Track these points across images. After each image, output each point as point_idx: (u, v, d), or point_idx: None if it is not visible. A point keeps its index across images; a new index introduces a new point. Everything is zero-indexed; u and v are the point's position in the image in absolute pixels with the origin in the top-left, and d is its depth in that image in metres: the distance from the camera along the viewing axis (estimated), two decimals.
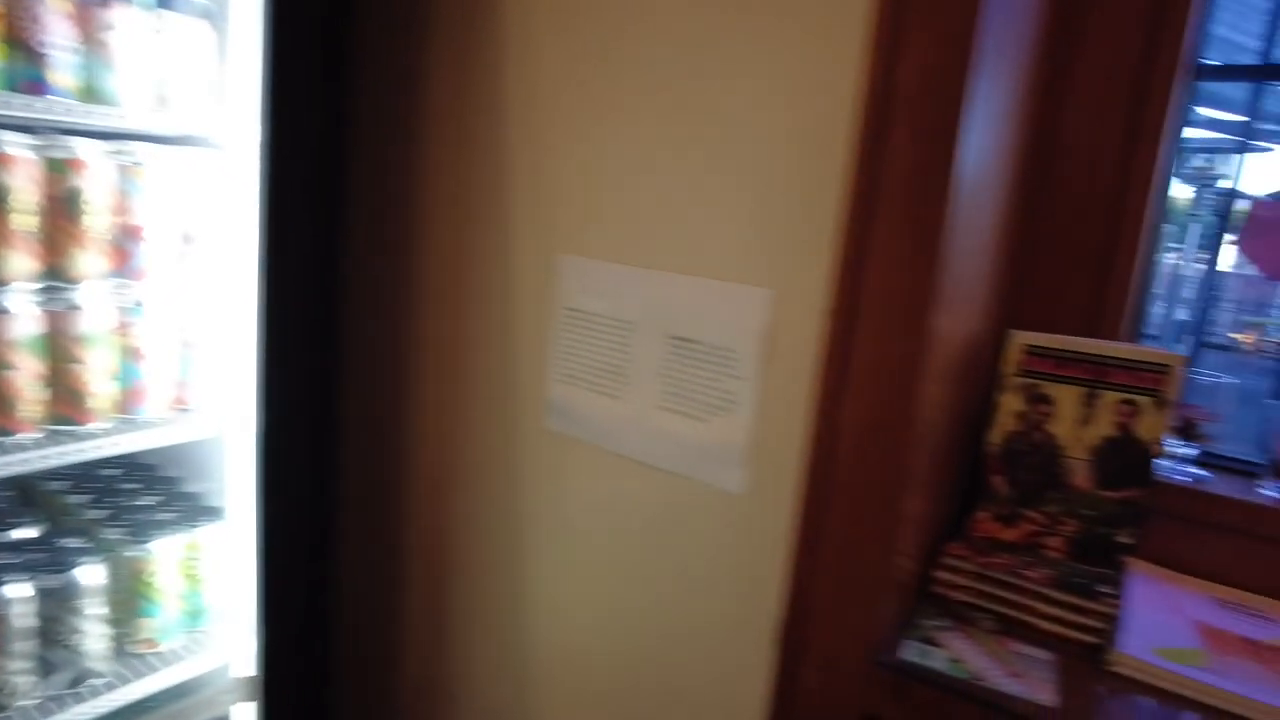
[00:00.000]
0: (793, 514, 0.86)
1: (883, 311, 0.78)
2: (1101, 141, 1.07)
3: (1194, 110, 1.16)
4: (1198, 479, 1.08)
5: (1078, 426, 0.98)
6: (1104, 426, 0.97)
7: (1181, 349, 1.21)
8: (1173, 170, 1.15)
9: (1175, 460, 1.10)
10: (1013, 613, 0.94)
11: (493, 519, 1.14)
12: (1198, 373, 1.10)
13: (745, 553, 0.91)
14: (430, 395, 1.17)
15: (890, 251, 0.77)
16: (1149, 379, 0.95)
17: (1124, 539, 0.98)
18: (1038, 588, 0.92)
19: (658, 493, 0.97)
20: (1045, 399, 0.98)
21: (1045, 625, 0.92)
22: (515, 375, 1.07)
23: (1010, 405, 0.99)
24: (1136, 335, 1.18)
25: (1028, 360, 0.98)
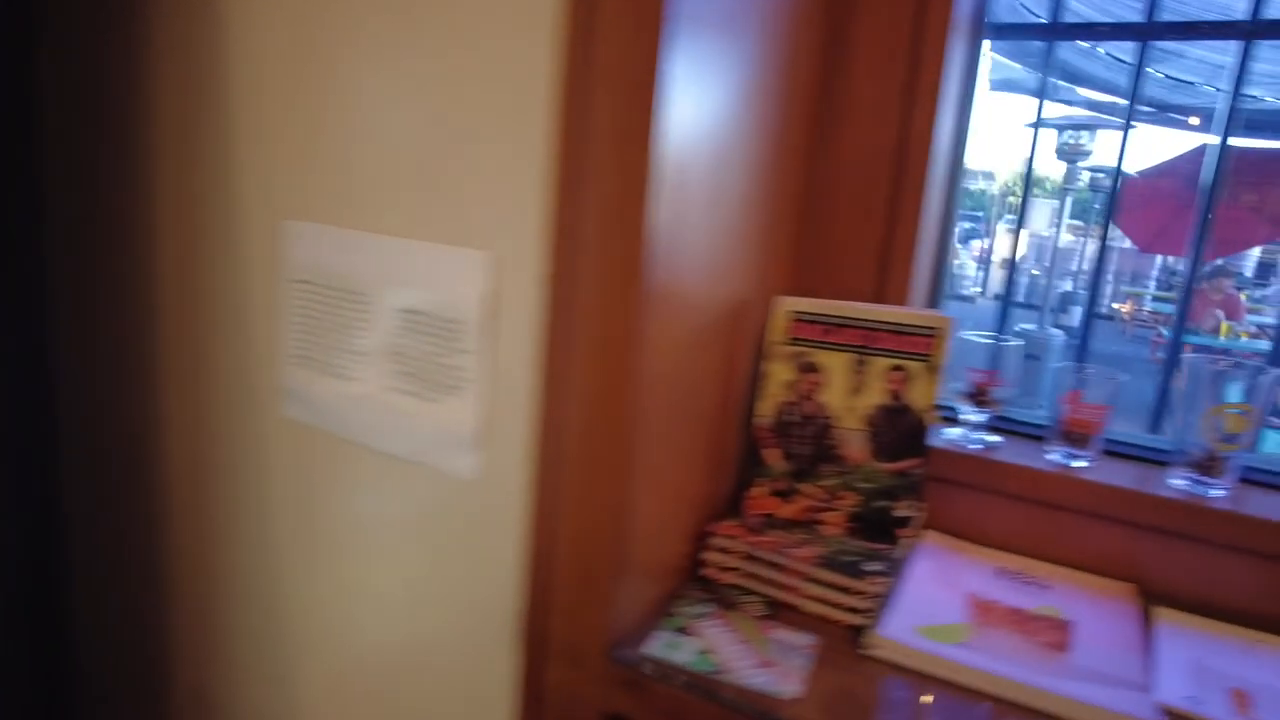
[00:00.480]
0: (525, 501, 0.78)
1: (601, 277, 0.70)
2: (882, 102, 1.02)
3: (1066, 87, 1.13)
4: (988, 446, 1.05)
5: (850, 395, 0.93)
6: (876, 395, 0.92)
7: (1059, 320, 1.18)
8: (967, 134, 1.11)
9: (967, 427, 1.07)
10: (781, 595, 0.88)
11: (241, 516, 1.03)
12: (1001, 337, 1.07)
13: (483, 544, 0.82)
14: (173, 390, 1.05)
15: (602, 214, 0.69)
16: (919, 344, 0.91)
17: (902, 512, 0.94)
18: (803, 567, 0.87)
19: (395, 482, 0.88)
20: (814, 367, 0.93)
21: (812, 607, 0.87)
22: (250, 360, 0.96)
23: (779, 375, 0.93)
24: (936, 301, 1.15)
25: (795, 327, 0.93)
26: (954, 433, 1.08)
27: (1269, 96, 6.77)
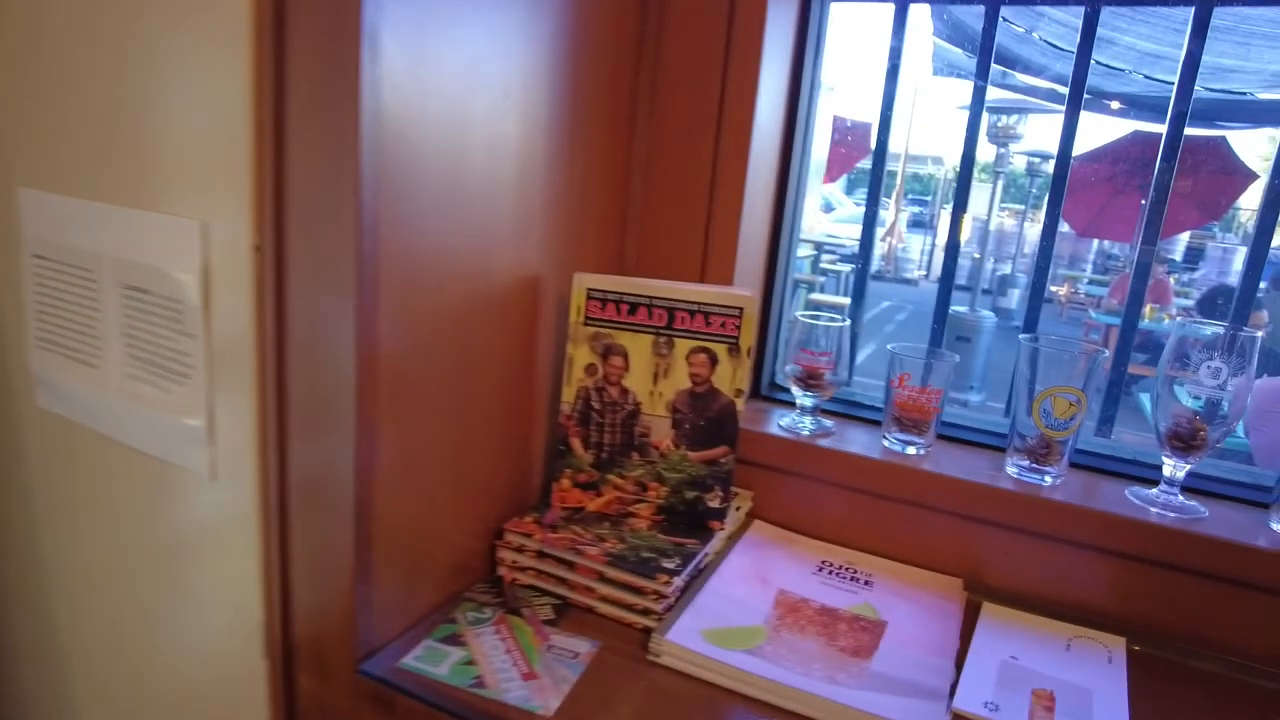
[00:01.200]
0: (258, 500, 0.70)
1: (312, 246, 0.62)
2: (701, 69, 0.95)
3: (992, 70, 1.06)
4: (819, 432, 0.99)
5: (654, 380, 0.85)
6: (681, 379, 0.85)
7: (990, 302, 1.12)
8: (812, 105, 1.04)
9: (799, 412, 1.01)
10: (574, 596, 0.81)
11: (8, 517, 0.93)
12: (833, 317, 1.01)
13: (225, 548, 0.74)
14: None
15: (307, 177, 0.61)
16: (724, 324, 0.84)
17: (714, 503, 0.88)
18: (595, 566, 0.80)
19: (140, 480, 0.79)
20: (617, 350, 0.85)
21: (605, 609, 0.80)
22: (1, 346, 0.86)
23: (581, 358, 0.86)
24: (774, 283, 1.08)
25: (592, 306, 0.85)
26: (787, 419, 1.02)
27: (1200, 85, 6.87)
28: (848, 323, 0.98)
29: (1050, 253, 1.24)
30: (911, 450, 0.95)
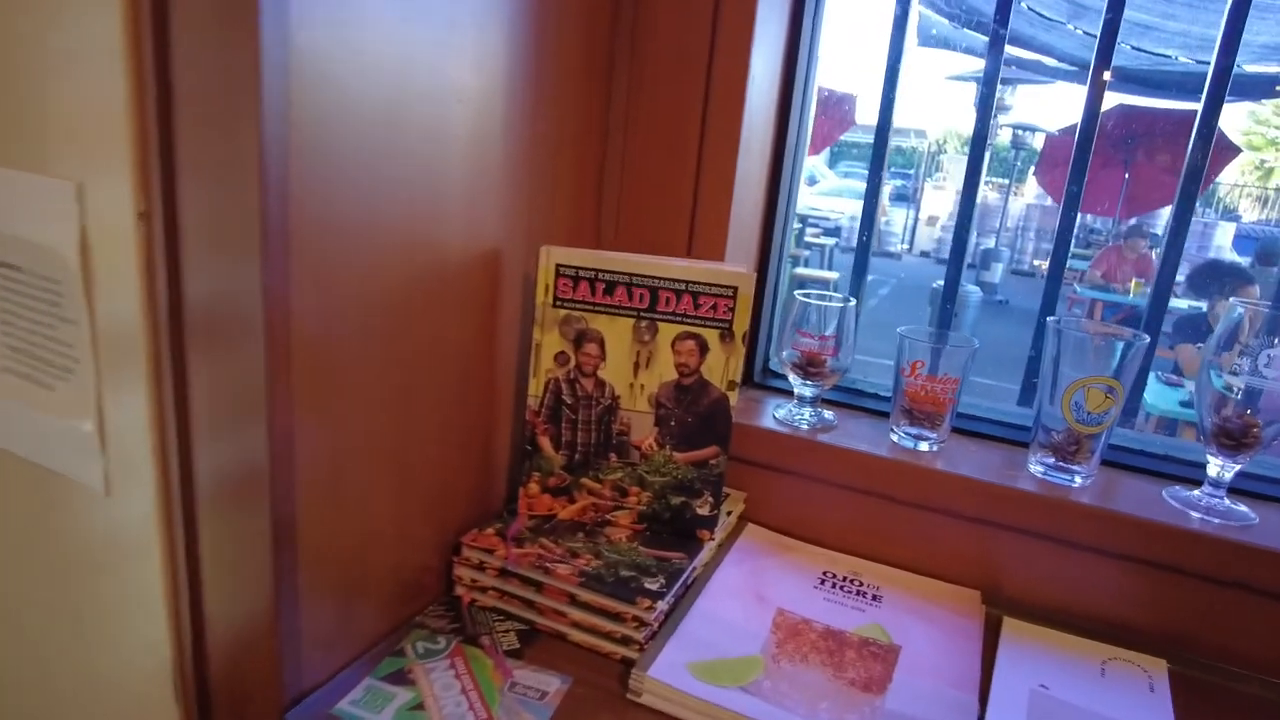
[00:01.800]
0: (160, 518, 0.58)
1: (210, 214, 0.50)
2: (687, 31, 0.82)
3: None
4: (820, 425, 0.89)
5: (635, 370, 0.74)
6: (665, 369, 0.74)
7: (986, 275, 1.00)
8: (809, 73, 0.92)
9: (797, 403, 0.90)
10: (542, 621, 0.70)
11: None
12: (833, 296, 0.90)
13: (127, 574, 0.62)
14: None
15: (200, 128, 0.48)
16: (715, 306, 0.73)
17: (703, 510, 0.77)
18: (566, 586, 0.69)
19: (24, 492, 0.66)
20: (591, 335, 0.74)
21: (577, 636, 0.69)
22: None
23: (550, 345, 0.74)
24: (768, 260, 0.97)
25: (563, 285, 0.73)
26: (783, 410, 0.91)
27: (1183, 56, 6.79)
28: (852, 302, 0.87)
29: (1071, 230, 1.14)
30: (923, 446, 0.84)
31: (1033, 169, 9.36)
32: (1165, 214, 10.12)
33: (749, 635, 0.70)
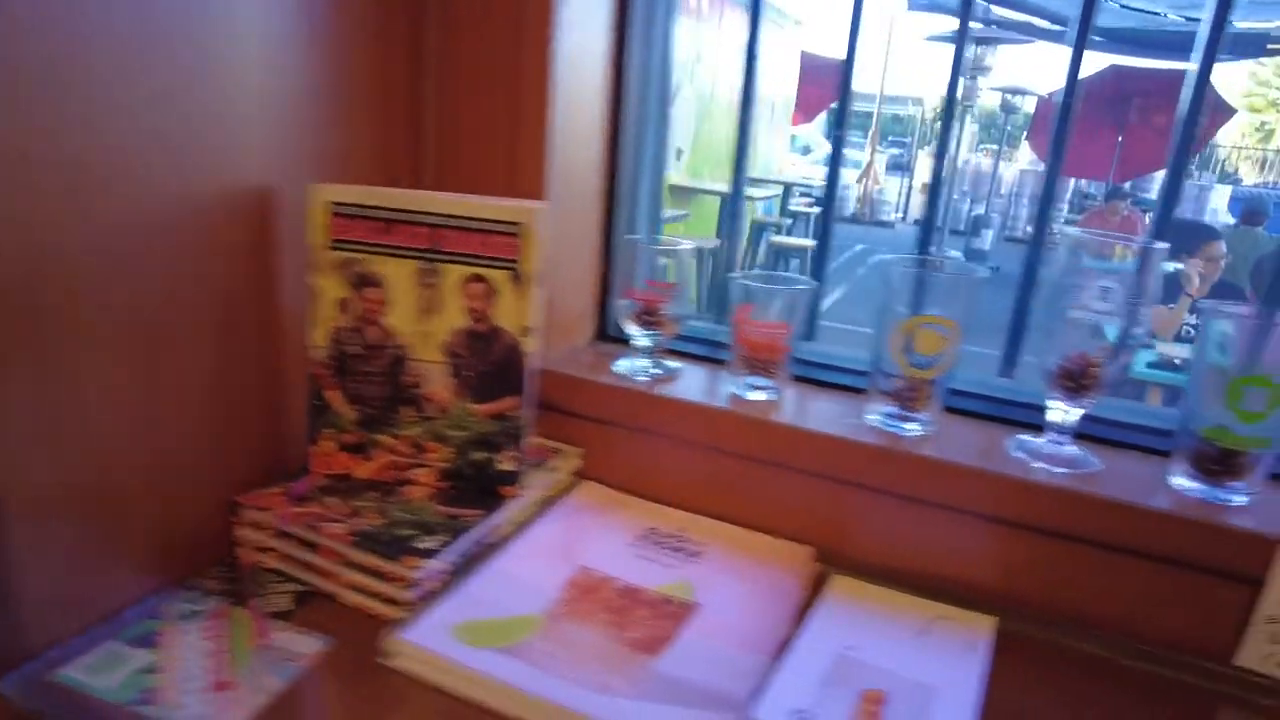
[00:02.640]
0: None
1: None
2: None
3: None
4: (660, 376, 0.84)
5: (421, 317, 0.69)
6: (456, 315, 0.69)
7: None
8: (651, 37, 0.86)
9: (637, 354, 0.85)
10: (321, 582, 0.66)
11: None
12: (670, 241, 0.84)
13: None
14: None
15: None
16: (502, 245, 0.67)
17: (506, 465, 0.72)
18: (339, 547, 0.64)
19: None
20: (372, 279, 0.69)
21: (351, 598, 0.65)
22: None
23: (330, 291, 0.69)
24: (614, 212, 0.91)
25: (339, 224, 0.68)
26: (624, 363, 0.86)
27: (1173, 14, 6.64)
28: (687, 245, 0.82)
29: (1052, 195, 1.09)
30: (758, 395, 0.79)
31: (1025, 134, 9.22)
32: (1160, 177, 9.97)
33: (537, 594, 0.65)
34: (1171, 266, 4.29)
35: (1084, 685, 0.64)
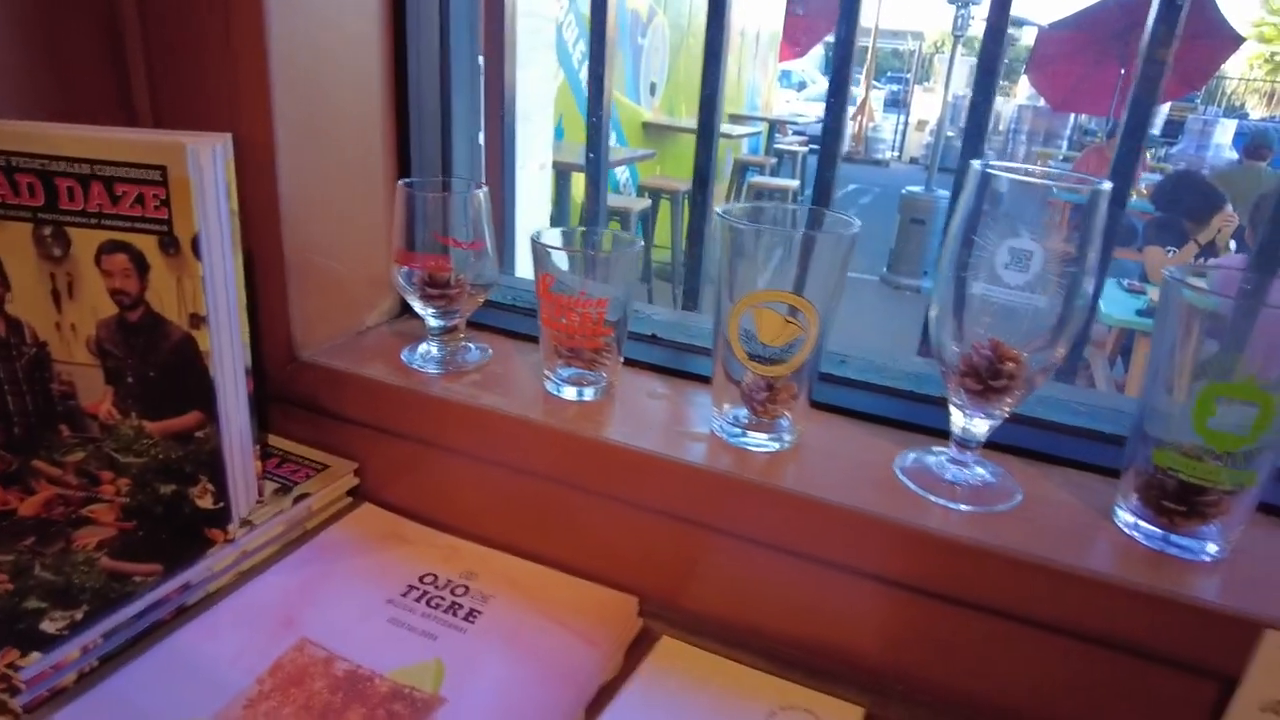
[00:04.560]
0: None
1: None
2: None
3: None
4: (460, 368, 0.64)
5: (56, 301, 0.48)
6: (99, 299, 0.48)
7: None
8: None
9: (429, 338, 0.65)
10: None
11: None
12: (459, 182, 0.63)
13: None
14: None
15: None
16: (144, 199, 0.46)
17: (205, 502, 0.52)
18: None
19: None
20: None
21: None
22: None
23: None
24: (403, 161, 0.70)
25: None
26: (420, 350, 0.66)
27: None
28: (484, 190, 0.61)
29: (983, 120, 0.86)
30: (572, 394, 0.59)
31: (1025, 67, 8.83)
32: (1163, 111, 9.61)
33: (214, 690, 0.46)
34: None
35: None
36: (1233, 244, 3.12)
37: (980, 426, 0.51)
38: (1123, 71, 7.20)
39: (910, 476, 0.52)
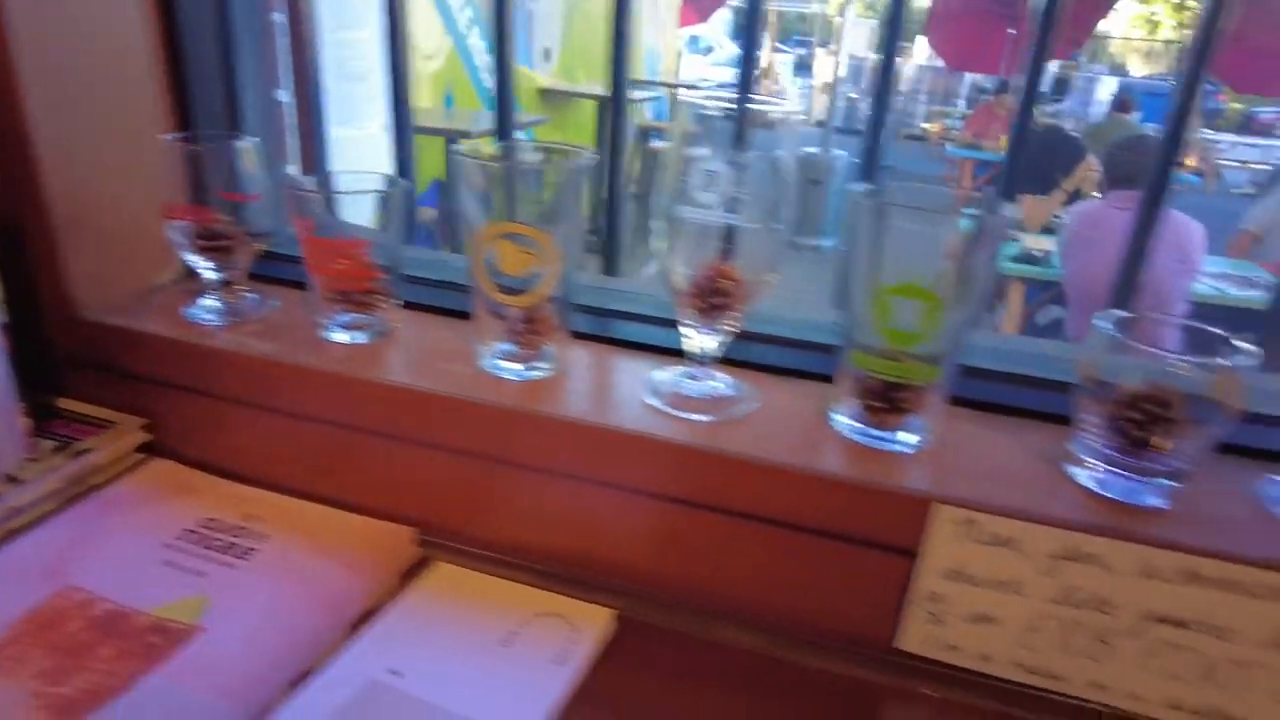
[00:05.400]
0: None
1: None
2: None
3: None
4: (242, 319, 0.64)
5: None
6: None
7: None
8: None
9: (207, 292, 0.65)
10: None
11: None
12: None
13: None
14: None
15: None
16: None
17: None
18: None
19: None
20: None
21: None
22: None
23: None
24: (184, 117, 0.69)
25: None
26: (202, 303, 0.66)
27: None
28: (252, 142, 0.62)
29: (887, 80, 0.87)
30: (345, 338, 0.61)
31: (923, 28, 9.03)
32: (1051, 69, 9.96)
33: None
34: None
35: (725, 683, 0.50)
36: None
37: (710, 342, 0.54)
38: (1012, 32, 7.44)
39: (655, 394, 0.56)
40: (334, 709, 0.45)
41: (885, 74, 0.69)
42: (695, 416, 0.54)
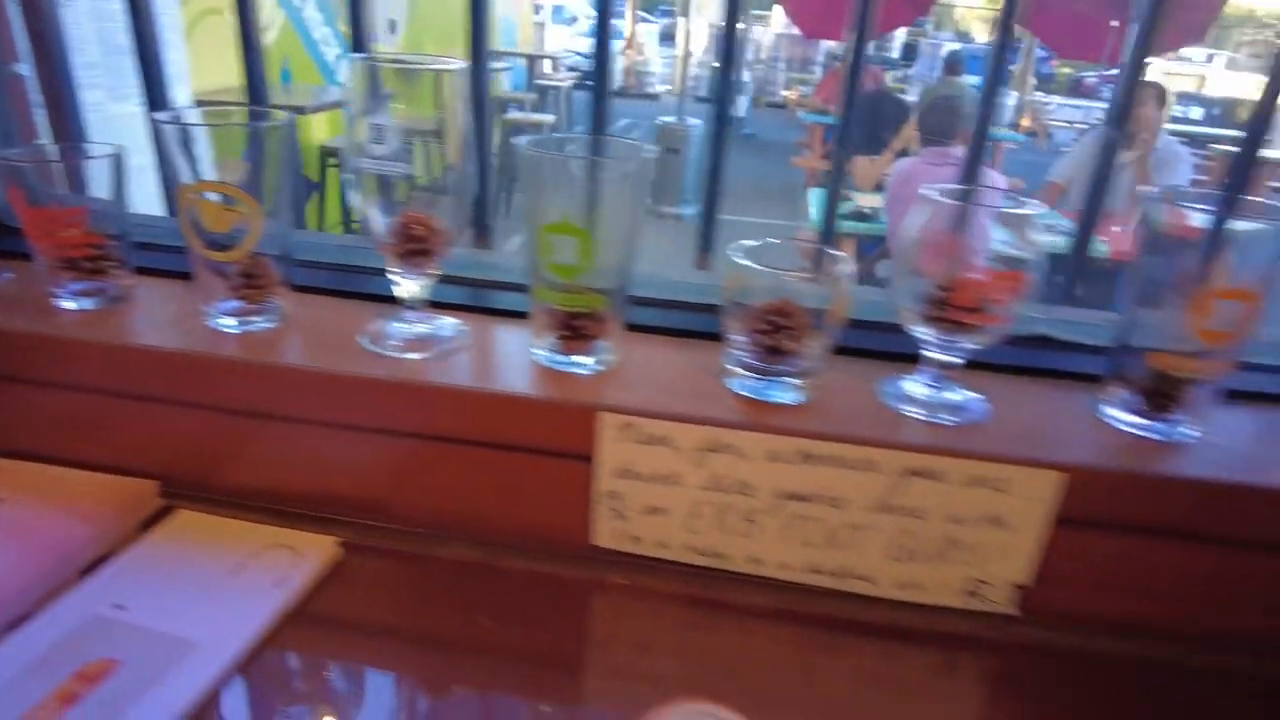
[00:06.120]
0: None
1: None
2: None
3: None
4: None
5: None
6: None
7: None
8: None
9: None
10: None
11: None
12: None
13: None
14: None
15: None
16: None
17: None
18: None
19: None
20: None
21: None
22: None
23: None
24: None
25: None
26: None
27: None
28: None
29: (731, 47, 0.89)
30: (73, 305, 0.63)
31: None
32: (900, 37, 10.41)
33: None
34: None
35: (447, 594, 0.56)
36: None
37: (414, 286, 0.60)
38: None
39: (370, 339, 0.61)
40: (50, 643, 0.48)
41: (729, 40, 0.74)
42: (408, 355, 0.59)
